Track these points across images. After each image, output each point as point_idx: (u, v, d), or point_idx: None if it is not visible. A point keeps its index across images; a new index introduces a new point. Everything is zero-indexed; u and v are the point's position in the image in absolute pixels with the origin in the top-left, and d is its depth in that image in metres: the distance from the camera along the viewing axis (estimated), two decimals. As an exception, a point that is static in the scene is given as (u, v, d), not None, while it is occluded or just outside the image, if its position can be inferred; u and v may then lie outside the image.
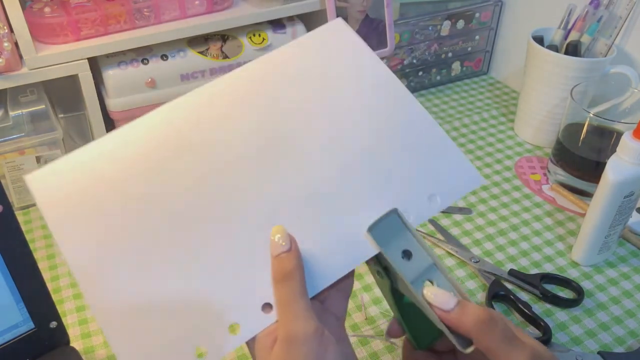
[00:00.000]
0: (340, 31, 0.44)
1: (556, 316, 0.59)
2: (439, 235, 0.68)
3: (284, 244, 0.36)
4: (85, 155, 0.37)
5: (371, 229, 0.38)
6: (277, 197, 0.38)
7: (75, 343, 0.55)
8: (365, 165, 0.39)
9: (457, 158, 0.41)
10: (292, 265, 0.36)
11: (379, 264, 0.39)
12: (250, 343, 0.37)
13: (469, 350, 0.36)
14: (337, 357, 0.35)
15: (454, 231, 0.69)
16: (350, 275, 0.40)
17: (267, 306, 0.36)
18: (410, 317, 0.40)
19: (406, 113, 0.42)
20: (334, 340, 0.36)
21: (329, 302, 0.39)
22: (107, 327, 0.34)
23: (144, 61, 0.72)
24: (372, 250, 0.38)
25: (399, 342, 0.56)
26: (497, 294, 0.60)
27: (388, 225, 0.39)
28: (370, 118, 0.41)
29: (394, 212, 0.39)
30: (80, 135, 0.77)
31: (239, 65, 0.76)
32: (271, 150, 0.39)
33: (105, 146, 0.37)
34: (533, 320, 0.57)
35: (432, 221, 0.70)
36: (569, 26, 0.79)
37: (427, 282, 0.38)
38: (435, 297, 0.37)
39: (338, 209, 0.39)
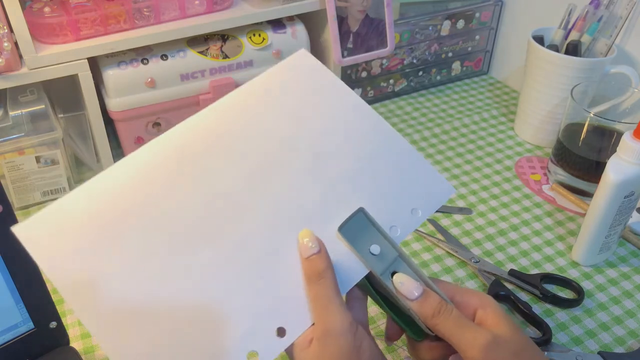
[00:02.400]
0: (305, 61, 0.46)
1: (556, 316, 0.59)
2: (439, 235, 0.68)
3: (313, 246, 0.38)
4: (69, 199, 0.37)
5: (341, 229, 0.41)
6: (272, 220, 0.40)
7: (75, 343, 0.55)
8: (349, 187, 0.42)
9: (429, 172, 0.45)
10: (324, 265, 0.38)
11: None
12: (289, 349, 0.38)
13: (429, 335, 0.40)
14: (373, 350, 0.37)
15: (454, 231, 0.69)
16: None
17: (281, 330, 0.37)
18: (398, 310, 0.42)
19: (379, 135, 0.44)
20: (367, 335, 0.38)
21: (351, 312, 0.40)
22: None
23: (144, 61, 0.72)
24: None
25: (399, 342, 0.56)
26: (497, 294, 0.59)
27: (356, 224, 0.41)
28: (347, 143, 0.43)
29: (360, 210, 0.41)
30: (80, 135, 0.77)
31: (239, 65, 0.77)
32: (258, 177, 0.41)
33: (92, 187, 0.38)
34: (533, 320, 0.57)
35: (432, 221, 0.70)
36: (569, 26, 0.79)
37: (396, 273, 0.40)
38: (402, 285, 0.39)
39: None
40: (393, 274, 0.40)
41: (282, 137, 0.42)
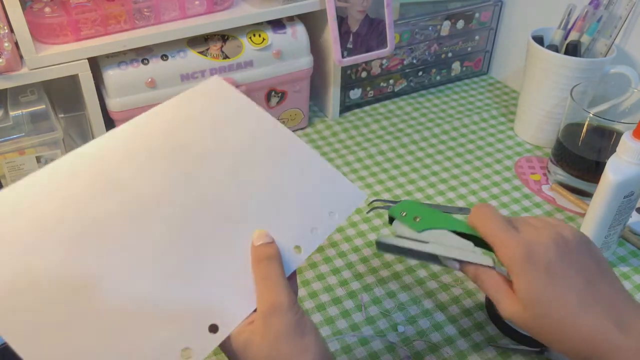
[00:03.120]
0: (218, 86, 0.50)
1: (556, 316, 0.59)
2: (439, 235, 0.68)
3: (266, 237, 0.42)
4: None
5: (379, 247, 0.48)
6: (203, 226, 0.42)
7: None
8: (273, 194, 0.46)
9: (342, 181, 0.50)
10: (274, 250, 0.42)
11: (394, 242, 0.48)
12: (225, 341, 0.39)
13: (457, 265, 0.45)
14: (312, 324, 0.39)
15: (454, 231, 0.69)
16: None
17: (213, 327, 0.39)
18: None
19: (293, 148, 0.49)
20: (305, 312, 0.40)
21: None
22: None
23: (144, 61, 0.72)
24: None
25: (399, 342, 0.56)
26: (497, 293, 0.59)
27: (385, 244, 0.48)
28: (264, 158, 0.47)
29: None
30: (80, 136, 0.78)
31: (239, 65, 0.77)
32: (183, 189, 0.43)
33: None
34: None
35: (432, 221, 0.70)
36: (569, 26, 0.79)
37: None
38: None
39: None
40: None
41: (201, 151, 0.45)
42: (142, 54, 0.72)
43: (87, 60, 0.67)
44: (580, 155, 0.72)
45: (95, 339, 0.36)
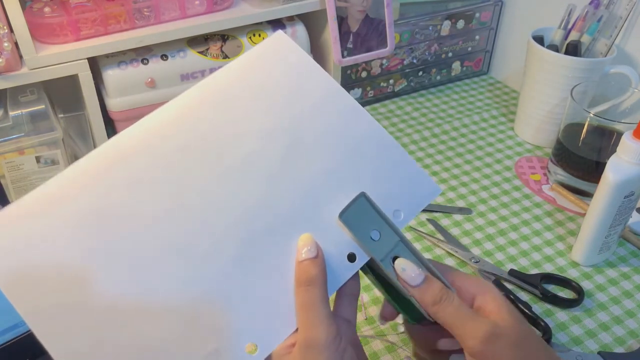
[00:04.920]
0: (284, 44, 0.43)
1: (556, 316, 0.59)
2: (439, 235, 0.68)
3: (311, 250, 0.38)
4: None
5: (341, 215, 0.39)
6: (251, 222, 0.38)
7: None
8: (327, 185, 0.40)
9: (415, 171, 0.42)
10: (317, 271, 0.37)
11: None
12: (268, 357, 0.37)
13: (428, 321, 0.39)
14: None
15: (454, 231, 0.69)
16: (356, 279, 0.41)
17: (251, 346, 0.36)
18: (396, 294, 0.41)
19: (360, 128, 0.42)
20: (349, 346, 0.37)
21: (338, 307, 0.40)
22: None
23: (144, 61, 0.72)
24: (365, 256, 0.40)
25: (399, 342, 0.56)
26: (497, 294, 0.60)
27: (357, 210, 0.40)
28: (327, 137, 0.41)
29: (362, 195, 0.40)
30: (80, 135, 0.78)
31: (239, 65, 0.76)
32: (235, 175, 0.39)
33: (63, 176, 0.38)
34: (533, 320, 0.57)
35: (432, 221, 0.70)
36: (569, 26, 0.79)
37: (398, 258, 0.39)
38: (403, 271, 0.39)
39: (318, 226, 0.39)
40: (394, 259, 0.40)
41: (259, 129, 0.40)
42: (141, 53, 0.72)
43: (87, 60, 0.67)
44: (581, 155, 0.72)
45: (128, 341, 0.34)
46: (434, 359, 0.43)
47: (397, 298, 0.41)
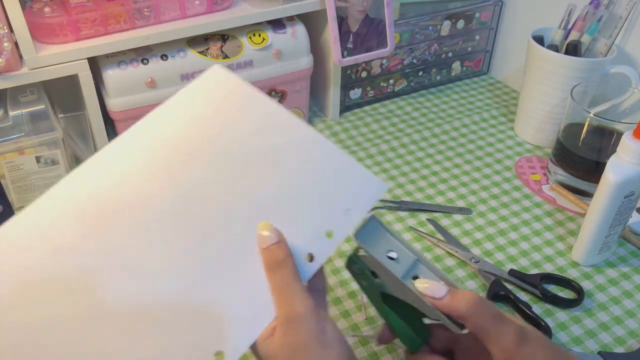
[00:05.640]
0: (221, 77, 0.45)
1: (556, 316, 0.59)
2: (439, 235, 0.68)
3: (272, 236, 0.39)
4: None
5: (356, 235, 0.41)
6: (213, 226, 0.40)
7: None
8: (279, 201, 0.41)
9: (359, 171, 0.44)
10: (283, 253, 0.38)
11: (365, 271, 0.42)
12: (252, 345, 0.38)
13: (465, 331, 0.38)
14: (336, 333, 0.37)
15: (454, 231, 0.69)
16: (321, 275, 0.42)
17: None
18: (398, 321, 0.42)
19: (303, 142, 0.44)
20: (329, 318, 0.38)
21: (310, 280, 0.41)
22: None
23: (144, 61, 0.72)
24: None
25: (399, 342, 0.56)
26: (497, 294, 0.59)
27: (370, 230, 0.41)
28: (272, 156, 0.43)
29: (373, 217, 0.42)
30: (80, 135, 0.78)
31: (239, 65, 0.77)
32: (187, 194, 0.40)
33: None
34: (533, 320, 0.57)
35: (432, 221, 0.70)
36: (569, 26, 0.79)
37: (417, 277, 0.40)
38: (427, 288, 0.39)
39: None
40: (414, 278, 0.40)
41: (212, 153, 0.42)
42: (141, 53, 0.72)
43: (86, 60, 0.67)
44: (581, 155, 0.72)
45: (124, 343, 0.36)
46: None
47: (397, 324, 0.42)
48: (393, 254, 0.41)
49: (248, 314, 0.38)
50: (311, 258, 0.40)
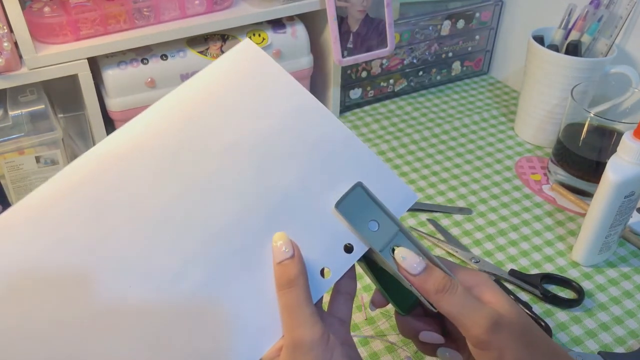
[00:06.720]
0: (251, 53, 0.42)
1: (556, 316, 0.59)
2: (439, 235, 0.68)
3: (286, 250, 0.37)
4: None
5: (338, 205, 0.39)
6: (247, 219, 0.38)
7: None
8: (298, 204, 0.39)
9: (391, 179, 0.41)
10: (296, 272, 0.36)
11: None
12: None
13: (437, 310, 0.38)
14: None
15: (454, 231, 0.69)
16: (353, 277, 0.41)
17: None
18: (389, 285, 0.41)
19: (334, 137, 0.41)
20: (339, 345, 0.36)
21: (333, 306, 0.39)
22: None
23: (144, 61, 0.72)
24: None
25: (399, 342, 0.56)
26: (497, 294, 0.59)
27: (354, 200, 0.40)
28: (299, 146, 0.40)
29: (359, 185, 0.40)
30: (80, 135, 0.78)
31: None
32: (199, 190, 0.38)
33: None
34: (533, 320, 0.57)
35: (432, 221, 0.70)
36: (570, 26, 0.79)
37: (397, 248, 0.39)
38: (404, 260, 0.38)
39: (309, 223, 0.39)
40: (394, 250, 0.39)
41: (227, 143, 0.39)
42: (141, 53, 0.72)
43: (86, 60, 0.67)
44: (581, 155, 0.72)
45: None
46: (424, 350, 0.43)
47: (388, 288, 0.41)
48: (374, 225, 0.39)
49: (257, 327, 0.36)
50: (350, 249, 0.38)
